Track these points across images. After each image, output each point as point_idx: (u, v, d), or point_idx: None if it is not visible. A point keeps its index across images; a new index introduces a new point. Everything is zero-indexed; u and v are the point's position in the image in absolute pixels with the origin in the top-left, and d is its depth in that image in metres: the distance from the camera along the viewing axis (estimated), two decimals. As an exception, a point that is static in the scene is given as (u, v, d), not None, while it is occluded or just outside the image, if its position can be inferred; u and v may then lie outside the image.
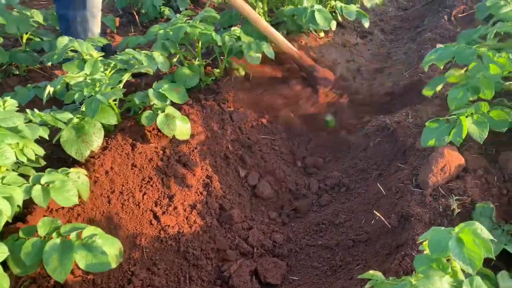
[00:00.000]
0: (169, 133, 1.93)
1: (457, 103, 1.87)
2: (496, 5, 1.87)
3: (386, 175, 2.21)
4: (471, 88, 1.83)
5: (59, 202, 1.48)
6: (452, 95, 1.88)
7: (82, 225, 1.49)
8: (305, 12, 2.75)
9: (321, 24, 2.76)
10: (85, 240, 1.42)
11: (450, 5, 3.89)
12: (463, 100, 1.85)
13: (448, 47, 1.97)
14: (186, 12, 2.75)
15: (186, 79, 2.51)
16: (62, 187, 1.49)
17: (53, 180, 1.50)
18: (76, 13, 2.71)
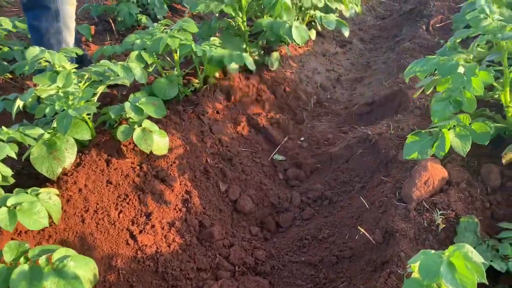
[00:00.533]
0: (146, 149, 1.85)
1: (439, 116, 1.85)
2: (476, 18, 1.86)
3: (369, 187, 2.18)
4: (454, 101, 1.82)
5: (27, 226, 1.39)
6: (435, 108, 1.86)
7: (52, 246, 1.39)
8: (282, 26, 2.73)
9: (296, 41, 2.74)
10: (55, 264, 1.33)
11: (427, 15, 3.93)
12: (446, 113, 1.83)
13: (430, 59, 1.95)
14: (163, 21, 2.68)
15: (165, 90, 2.44)
16: (30, 209, 1.40)
17: (21, 201, 1.40)
18: (49, 25, 2.61)
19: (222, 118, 2.51)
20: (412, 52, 3.32)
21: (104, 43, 3.88)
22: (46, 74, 1.89)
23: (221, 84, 2.67)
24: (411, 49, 3.35)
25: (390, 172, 2.13)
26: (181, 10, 4.82)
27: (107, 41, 3.92)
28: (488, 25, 1.81)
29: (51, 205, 1.51)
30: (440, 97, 1.88)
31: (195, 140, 2.30)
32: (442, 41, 3.42)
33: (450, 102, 1.83)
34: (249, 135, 2.57)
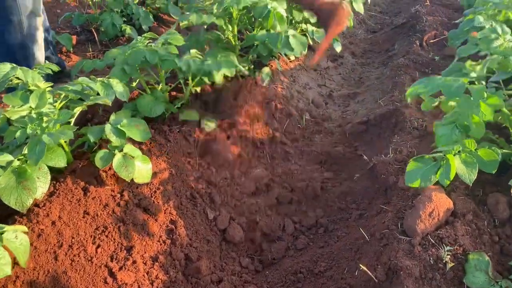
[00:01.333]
0: (126, 177, 1.69)
1: (445, 141, 1.73)
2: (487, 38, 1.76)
3: (367, 216, 2.05)
4: (460, 126, 1.70)
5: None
6: (441, 133, 1.74)
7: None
8: (279, 37, 2.58)
9: (296, 50, 2.59)
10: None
11: (420, 30, 3.85)
12: (452, 139, 1.72)
13: (434, 79, 1.84)
14: (148, 34, 2.51)
15: (150, 108, 2.28)
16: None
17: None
18: (13, 39, 2.40)
19: (210, 138, 2.35)
20: (407, 69, 3.22)
21: (86, 54, 3.70)
22: (18, 94, 1.72)
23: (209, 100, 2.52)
24: (405, 66, 3.25)
25: (390, 199, 2.00)
26: (168, 20, 4.66)
27: (89, 52, 3.74)
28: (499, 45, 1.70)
29: (17, 245, 1.33)
30: (445, 121, 1.76)
31: (181, 163, 2.14)
32: (436, 58, 3.33)
33: (457, 127, 1.72)
34: (240, 156, 2.41)
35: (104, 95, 1.93)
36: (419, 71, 3.19)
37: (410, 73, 3.13)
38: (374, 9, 5.54)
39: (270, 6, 2.67)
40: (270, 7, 2.66)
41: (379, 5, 5.73)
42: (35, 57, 2.51)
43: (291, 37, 2.58)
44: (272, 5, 2.69)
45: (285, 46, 2.56)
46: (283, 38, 2.56)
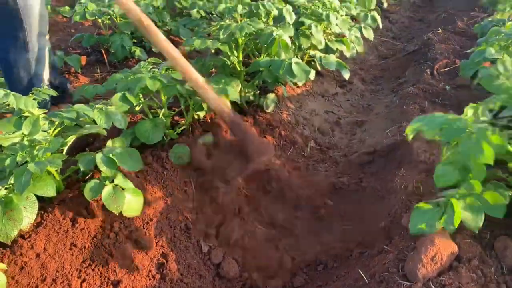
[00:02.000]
0: (115, 210, 1.64)
1: (444, 181, 1.65)
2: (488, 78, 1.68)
3: (368, 255, 1.95)
4: (461, 167, 1.62)
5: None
6: (439, 173, 1.66)
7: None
8: (282, 64, 2.54)
9: (298, 77, 2.55)
10: None
11: (432, 58, 3.78)
12: (451, 180, 1.64)
13: (435, 117, 1.76)
14: (151, 59, 2.51)
15: (148, 135, 2.26)
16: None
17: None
18: (18, 56, 2.42)
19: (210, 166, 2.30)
20: (416, 98, 3.14)
21: (95, 75, 3.71)
22: (12, 120, 1.69)
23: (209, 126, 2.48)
24: (415, 95, 3.18)
25: (393, 238, 1.91)
26: (179, 42, 4.68)
27: (98, 73, 3.75)
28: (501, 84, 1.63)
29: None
30: (445, 161, 1.68)
31: (177, 193, 2.08)
32: (447, 87, 3.25)
33: (457, 169, 1.63)
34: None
35: (101, 123, 1.90)
36: (428, 101, 3.11)
37: (419, 102, 3.05)
38: (387, 35, 5.49)
39: (276, 33, 2.64)
40: (276, 34, 2.64)
41: (392, 30, 5.68)
42: (38, 75, 2.51)
43: (294, 64, 2.54)
44: (277, 32, 2.66)
45: (288, 73, 2.52)
46: (286, 65, 2.52)
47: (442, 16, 5.58)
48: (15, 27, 2.38)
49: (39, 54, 2.50)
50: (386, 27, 5.68)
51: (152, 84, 2.17)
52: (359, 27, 3.76)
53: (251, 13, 2.89)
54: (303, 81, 2.65)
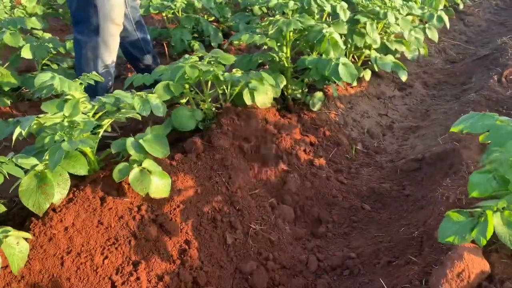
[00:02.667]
0: (141, 191, 1.70)
1: (479, 191, 1.52)
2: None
3: (396, 264, 1.85)
4: (499, 177, 1.48)
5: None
6: (474, 180, 1.54)
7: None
8: (328, 64, 2.48)
9: (344, 79, 2.48)
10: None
11: (502, 64, 3.50)
12: (487, 190, 1.50)
13: (485, 117, 1.63)
14: (199, 52, 2.57)
15: (183, 121, 2.32)
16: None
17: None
18: (88, 38, 2.69)
19: (245, 162, 2.31)
20: (477, 105, 2.92)
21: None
22: (55, 102, 1.82)
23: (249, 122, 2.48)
24: (476, 102, 2.96)
25: (422, 250, 1.80)
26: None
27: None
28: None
29: (16, 252, 1.39)
30: (483, 169, 1.54)
31: (208, 184, 2.12)
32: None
33: (494, 178, 1.50)
34: (272, 181, 2.34)
35: (139, 109, 1.98)
36: (491, 109, 2.88)
37: (479, 110, 2.83)
38: (459, 38, 5.16)
39: (326, 30, 2.58)
40: (325, 31, 2.58)
41: (466, 33, 5.33)
42: (104, 59, 2.75)
43: (341, 65, 2.47)
44: (328, 29, 2.60)
45: (333, 73, 2.45)
46: (332, 66, 2.46)
47: (525, 19, 5.13)
48: (90, 13, 2.64)
49: (109, 40, 2.73)
50: (459, 30, 5.34)
51: (191, 72, 2.23)
52: (423, 28, 3.57)
53: (303, 9, 2.85)
54: (351, 81, 2.57)
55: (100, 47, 2.72)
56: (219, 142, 2.28)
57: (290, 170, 2.43)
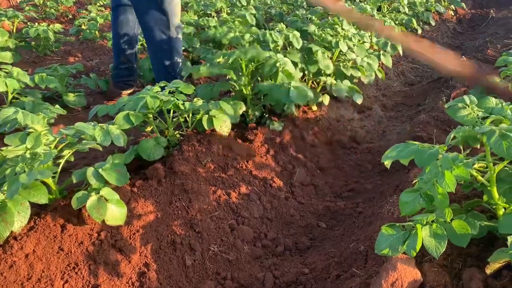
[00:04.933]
0: (98, 218, 1.80)
1: (409, 209, 1.67)
2: (454, 107, 1.69)
3: (343, 278, 1.98)
4: (425, 195, 1.64)
5: None
6: (404, 199, 1.69)
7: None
8: (281, 88, 2.65)
9: (296, 101, 2.66)
10: None
11: (452, 86, 3.74)
12: (415, 207, 1.65)
13: (409, 145, 1.79)
14: (161, 83, 2.71)
15: (150, 152, 2.43)
16: None
17: None
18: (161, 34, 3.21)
19: (206, 186, 2.43)
20: (426, 126, 3.13)
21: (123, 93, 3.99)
22: (18, 135, 1.92)
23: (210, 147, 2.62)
24: (425, 122, 3.16)
25: (366, 263, 1.93)
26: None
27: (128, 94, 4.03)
28: (465, 115, 1.64)
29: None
30: (411, 189, 1.70)
31: (169, 208, 2.22)
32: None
33: (421, 195, 1.65)
34: (232, 203, 2.46)
35: (100, 140, 2.09)
36: (438, 129, 3.08)
37: (428, 130, 3.04)
38: (418, 61, 5.45)
39: (279, 63, 2.75)
40: (279, 64, 2.75)
41: (425, 57, 5.62)
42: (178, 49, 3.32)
43: (292, 88, 2.64)
44: (282, 60, 2.78)
45: (286, 97, 2.62)
46: (284, 90, 2.63)
47: (477, 43, 5.46)
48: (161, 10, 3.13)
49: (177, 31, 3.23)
50: (418, 54, 5.63)
51: (152, 102, 2.36)
52: (378, 54, 3.80)
53: (259, 41, 3.03)
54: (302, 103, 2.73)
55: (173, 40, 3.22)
56: (180, 167, 2.40)
57: (249, 192, 2.55)
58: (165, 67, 3.37)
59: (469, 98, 1.72)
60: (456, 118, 1.68)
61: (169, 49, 3.29)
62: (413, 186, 2.42)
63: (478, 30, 6.87)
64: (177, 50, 3.34)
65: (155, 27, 3.20)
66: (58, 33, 5.23)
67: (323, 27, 3.42)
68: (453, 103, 1.75)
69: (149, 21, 3.21)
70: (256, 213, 2.48)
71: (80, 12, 7.24)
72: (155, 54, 3.38)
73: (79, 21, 5.71)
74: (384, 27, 2.83)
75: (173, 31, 3.26)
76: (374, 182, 2.84)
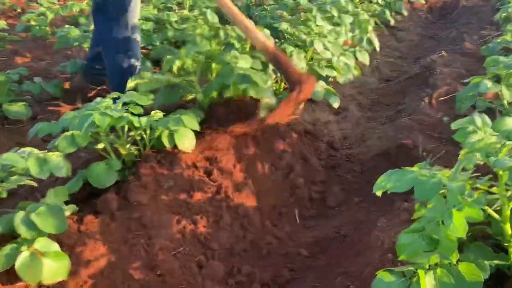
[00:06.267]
0: (32, 280, 1.46)
1: (408, 253, 1.41)
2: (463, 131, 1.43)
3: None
4: (427, 237, 1.37)
5: None
6: (403, 241, 1.42)
7: None
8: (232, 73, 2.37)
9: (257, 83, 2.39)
10: None
11: (432, 84, 3.51)
12: (416, 251, 1.39)
13: (406, 173, 1.52)
14: (113, 93, 2.35)
15: (100, 179, 2.09)
16: None
17: None
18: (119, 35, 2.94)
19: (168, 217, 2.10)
20: (410, 131, 2.88)
21: (76, 103, 3.58)
22: None
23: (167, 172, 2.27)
24: (409, 127, 2.92)
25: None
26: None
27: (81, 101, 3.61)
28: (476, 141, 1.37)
29: None
30: (411, 228, 1.43)
31: (125, 248, 1.89)
32: (445, 119, 2.97)
33: (423, 237, 1.38)
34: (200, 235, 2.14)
35: (36, 173, 1.73)
36: (423, 134, 2.84)
37: (412, 137, 2.79)
38: (393, 54, 5.22)
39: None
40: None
41: (399, 49, 5.40)
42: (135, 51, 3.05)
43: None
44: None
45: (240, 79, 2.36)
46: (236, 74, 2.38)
47: (452, 34, 5.28)
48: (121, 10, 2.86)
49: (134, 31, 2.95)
50: (392, 46, 5.41)
51: (101, 120, 2.01)
52: (354, 51, 3.53)
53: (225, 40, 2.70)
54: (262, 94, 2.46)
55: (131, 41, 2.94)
56: (137, 197, 2.06)
57: (219, 218, 2.24)
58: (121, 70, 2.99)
59: (480, 118, 1.46)
60: (466, 146, 1.41)
61: (125, 50, 2.98)
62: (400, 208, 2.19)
63: (450, 19, 6.71)
64: (134, 52, 3.01)
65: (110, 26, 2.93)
66: (2, 31, 4.71)
67: (296, 24, 3.11)
68: (461, 125, 1.48)
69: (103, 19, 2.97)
70: (228, 243, 2.17)
71: (30, 5, 6.64)
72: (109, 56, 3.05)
73: (27, 17, 5.17)
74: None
75: (130, 30, 2.96)
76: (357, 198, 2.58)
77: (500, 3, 5.75)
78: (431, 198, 1.44)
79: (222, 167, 2.42)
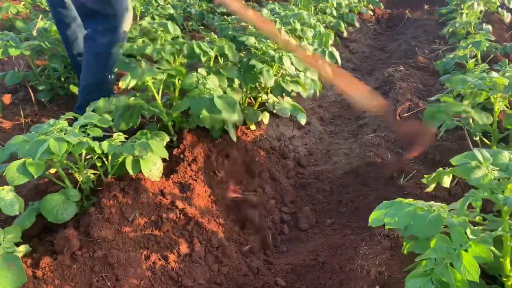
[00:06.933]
0: None
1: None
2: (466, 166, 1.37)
3: None
4: (437, 281, 1.29)
5: None
6: (411, 286, 1.33)
7: None
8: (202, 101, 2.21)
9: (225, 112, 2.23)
10: None
11: (394, 99, 3.53)
12: (427, 300, 1.30)
13: (402, 206, 1.44)
14: (68, 114, 2.10)
15: (58, 213, 1.85)
16: None
17: None
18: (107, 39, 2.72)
19: (136, 252, 1.90)
20: (378, 148, 2.86)
21: (19, 118, 3.23)
22: None
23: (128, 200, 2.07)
24: (376, 144, 2.90)
25: None
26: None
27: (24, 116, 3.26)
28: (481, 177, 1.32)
29: None
30: (418, 270, 1.35)
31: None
32: (411, 135, 2.98)
33: (432, 282, 1.30)
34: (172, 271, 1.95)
35: (-18, 212, 1.48)
36: (391, 151, 2.83)
37: (381, 154, 2.77)
38: (347, 66, 5.26)
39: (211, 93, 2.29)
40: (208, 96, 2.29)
41: (352, 61, 5.46)
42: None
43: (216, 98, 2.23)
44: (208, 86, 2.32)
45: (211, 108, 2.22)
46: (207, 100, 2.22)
47: (403, 47, 5.42)
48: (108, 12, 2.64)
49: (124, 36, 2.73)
50: (346, 58, 5.45)
51: (57, 147, 1.78)
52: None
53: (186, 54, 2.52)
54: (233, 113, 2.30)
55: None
56: (100, 232, 1.84)
57: (191, 251, 2.06)
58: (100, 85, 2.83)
59: (481, 153, 1.41)
60: (471, 182, 1.35)
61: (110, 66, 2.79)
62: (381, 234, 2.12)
63: (397, 31, 6.91)
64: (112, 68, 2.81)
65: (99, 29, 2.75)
66: None
67: (261, 37, 2.99)
68: (463, 160, 1.42)
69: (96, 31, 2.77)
70: (202, 278, 2.00)
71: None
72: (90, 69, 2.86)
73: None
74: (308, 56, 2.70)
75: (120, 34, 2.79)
76: (330, 219, 2.51)
77: (445, 18, 5.99)
78: (432, 235, 1.37)
79: (191, 194, 2.25)
